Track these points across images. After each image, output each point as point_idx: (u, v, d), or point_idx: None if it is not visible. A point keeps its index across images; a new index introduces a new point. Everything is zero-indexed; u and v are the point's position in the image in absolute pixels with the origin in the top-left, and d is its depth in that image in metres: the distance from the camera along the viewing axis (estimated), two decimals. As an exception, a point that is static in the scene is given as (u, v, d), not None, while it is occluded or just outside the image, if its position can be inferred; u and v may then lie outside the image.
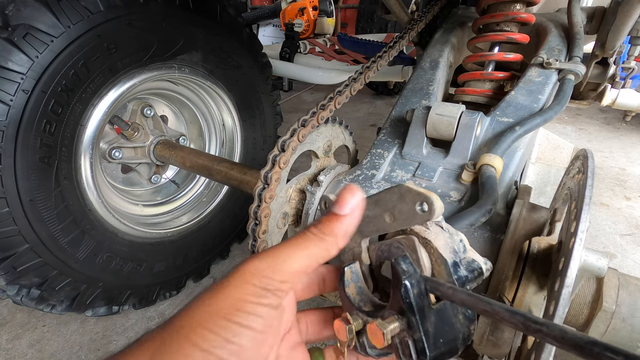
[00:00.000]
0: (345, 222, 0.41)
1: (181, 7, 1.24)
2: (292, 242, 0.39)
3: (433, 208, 0.41)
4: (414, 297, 0.38)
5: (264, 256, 0.37)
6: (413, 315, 0.38)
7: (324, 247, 0.40)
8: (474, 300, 0.35)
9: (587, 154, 0.59)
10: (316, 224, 0.41)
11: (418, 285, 0.39)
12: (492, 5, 1.10)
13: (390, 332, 0.38)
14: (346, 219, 0.41)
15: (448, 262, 0.43)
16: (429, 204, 0.41)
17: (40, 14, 0.93)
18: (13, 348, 1.31)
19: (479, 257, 0.45)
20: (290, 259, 0.38)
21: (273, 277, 0.36)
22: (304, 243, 0.39)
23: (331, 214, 0.41)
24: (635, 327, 0.61)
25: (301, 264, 0.38)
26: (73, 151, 1.08)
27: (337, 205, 0.41)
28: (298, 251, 0.39)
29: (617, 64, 1.44)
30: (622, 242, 1.86)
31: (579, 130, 3.35)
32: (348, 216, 0.41)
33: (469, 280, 0.43)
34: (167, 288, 1.48)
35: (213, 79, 1.43)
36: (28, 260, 1.04)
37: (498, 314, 0.33)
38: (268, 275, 0.36)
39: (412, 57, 2.47)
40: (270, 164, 0.80)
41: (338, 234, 0.40)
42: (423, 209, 0.41)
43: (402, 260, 0.40)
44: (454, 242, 0.45)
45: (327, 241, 0.40)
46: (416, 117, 0.92)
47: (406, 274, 0.39)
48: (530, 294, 0.65)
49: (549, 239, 0.66)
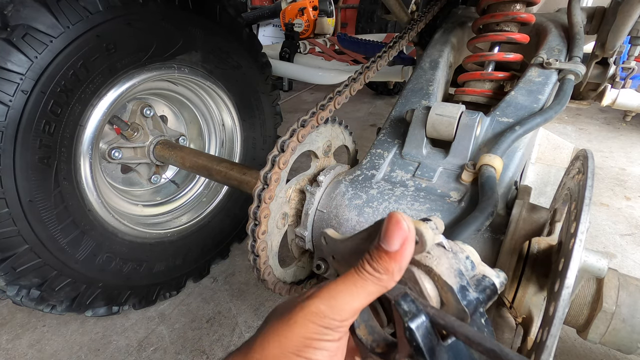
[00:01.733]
0: (399, 259, 0.40)
1: (180, 7, 1.24)
2: (349, 281, 0.40)
3: (424, 239, 0.39)
4: (421, 339, 0.36)
5: (325, 297, 0.39)
6: (423, 357, 0.36)
7: (381, 284, 0.40)
8: (479, 339, 0.33)
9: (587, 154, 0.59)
10: (369, 261, 0.41)
11: (423, 324, 0.37)
12: (492, 5, 1.10)
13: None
14: (398, 254, 0.40)
15: (454, 288, 0.40)
16: (419, 235, 0.40)
17: (39, 14, 0.93)
18: (13, 348, 1.31)
19: (490, 270, 0.43)
20: (349, 299, 0.39)
21: (334, 317, 0.38)
22: (361, 282, 0.40)
23: (382, 251, 0.40)
24: (635, 328, 0.61)
25: (360, 302, 0.40)
26: (72, 151, 1.08)
27: (386, 241, 0.40)
28: (355, 290, 0.40)
29: (617, 64, 1.44)
30: (622, 242, 1.86)
31: (579, 130, 3.35)
32: (400, 252, 0.40)
33: (480, 302, 0.41)
34: (167, 288, 1.48)
35: (213, 79, 1.43)
36: (28, 260, 1.04)
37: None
38: (329, 316, 0.38)
39: (412, 57, 2.47)
40: (270, 164, 0.80)
41: (394, 271, 0.40)
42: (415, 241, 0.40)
43: (402, 300, 0.38)
44: (460, 262, 0.42)
45: (383, 280, 0.40)
46: (416, 117, 0.92)
47: (408, 315, 0.37)
48: (530, 295, 0.65)
49: (549, 240, 0.66)
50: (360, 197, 0.86)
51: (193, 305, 1.49)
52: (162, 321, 1.42)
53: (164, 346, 1.32)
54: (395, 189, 0.86)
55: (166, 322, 1.41)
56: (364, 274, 0.40)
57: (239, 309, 1.47)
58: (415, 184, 0.86)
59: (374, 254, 0.40)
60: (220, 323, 1.41)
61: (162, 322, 1.41)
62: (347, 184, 0.89)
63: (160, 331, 1.38)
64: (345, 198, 0.87)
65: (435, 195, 0.82)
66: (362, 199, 0.85)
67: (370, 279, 0.40)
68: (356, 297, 0.39)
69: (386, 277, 0.40)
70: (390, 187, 0.86)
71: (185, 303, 1.50)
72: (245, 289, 1.57)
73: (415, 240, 0.39)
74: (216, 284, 1.60)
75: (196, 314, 1.45)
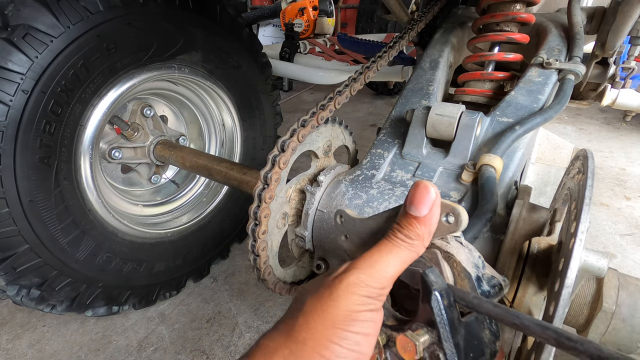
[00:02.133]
0: (428, 223, 0.42)
1: (181, 7, 1.24)
2: (384, 250, 0.41)
3: (460, 219, 0.41)
4: (445, 309, 0.37)
5: (363, 266, 0.40)
6: (444, 328, 0.37)
7: (414, 250, 0.42)
8: (502, 312, 0.34)
9: (587, 154, 0.59)
10: (400, 229, 0.42)
11: (448, 296, 0.38)
12: (492, 5, 1.10)
13: (422, 344, 0.38)
14: (427, 219, 0.41)
15: (472, 275, 0.42)
16: (456, 215, 0.41)
17: (39, 14, 0.93)
18: (13, 348, 1.31)
19: (496, 273, 0.45)
20: (387, 266, 0.40)
21: (374, 285, 0.39)
22: (395, 250, 0.41)
23: (410, 216, 0.41)
24: (635, 328, 0.61)
25: (396, 269, 0.41)
26: (73, 151, 1.08)
27: (414, 206, 0.41)
28: (391, 257, 0.41)
29: (617, 64, 1.44)
30: (622, 242, 1.86)
31: (579, 130, 3.35)
32: (428, 216, 0.41)
33: (491, 295, 0.43)
34: (167, 288, 1.48)
35: (213, 79, 1.43)
36: (28, 260, 1.04)
37: (528, 328, 0.32)
38: (370, 285, 0.39)
39: (412, 57, 2.47)
40: (270, 164, 0.80)
41: (424, 235, 0.42)
42: (449, 220, 0.41)
43: (430, 271, 0.39)
44: (474, 258, 0.44)
45: (415, 245, 0.41)
46: (416, 117, 0.92)
47: (435, 285, 0.38)
48: (530, 295, 0.65)
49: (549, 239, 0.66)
50: (360, 197, 0.86)
51: (193, 305, 1.49)
52: (162, 321, 1.42)
53: (164, 346, 1.32)
54: (395, 188, 0.86)
55: (166, 322, 1.41)
56: (397, 241, 0.41)
57: (239, 309, 1.47)
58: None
59: (403, 221, 0.42)
60: (220, 323, 1.41)
61: (162, 322, 1.41)
62: (347, 184, 0.89)
63: (160, 331, 1.38)
64: (346, 198, 0.87)
65: (436, 195, 0.82)
66: (363, 198, 0.85)
67: (403, 246, 0.41)
68: (392, 264, 0.40)
69: (418, 242, 0.41)
70: (391, 187, 0.86)
71: (185, 303, 1.50)
72: (245, 289, 1.57)
73: (449, 219, 0.41)
74: (216, 284, 1.60)
75: (196, 314, 1.45)
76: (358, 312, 0.37)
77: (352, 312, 0.37)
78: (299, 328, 0.37)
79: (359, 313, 0.37)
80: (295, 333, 0.37)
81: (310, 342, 0.36)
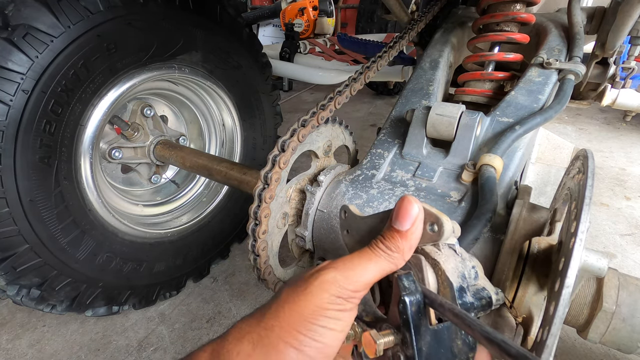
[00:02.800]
0: (409, 237, 0.43)
1: (181, 7, 1.24)
2: (364, 256, 0.43)
3: (442, 230, 0.41)
4: (411, 314, 0.39)
5: (340, 267, 0.42)
6: (408, 332, 0.39)
7: (392, 262, 0.43)
8: (466, 321, 0.35)
9: (587, 154, 0.59)
10: (382, 240, 0.44)
11: (417, 303, 0.39)
12: (492, 5, 1.10)
13: (383, 345, 0.39)
14: (409, 234, 0.43)
15: (454, 285, 0.43)
16: (439, 225, 0.42)
17: (40, 14, 0.93)
18: (13, 348, 1.31)
19: (490, 286, 0.45)
20: (363, 272, 0.42)
21: (347, 287, 0.40)
22: (375, 259, 0.43)
23: (394, 230, 0.43)
24: (635, 327, 0.61)
25: (373, 276, 0.42)
26: (73, 151, 1.08)
27: (398, 221, 0.43)
28: (370, 265, 0.42)
29: (617, 64, 1.44)
30: (622, 242, 1.86)
31: (579, 130, 3.35)
32: (410, 231, 0.43)
33: (474, 308, 0.43)
34: (167, 288, 1.48)
35: (213, 79, 1.43)
36: (28, 260, 1.04)
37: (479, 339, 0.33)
38: (343, 286, 0.40)
39: (412, 57, 2.47)
40: (270, 164, 0.80)
41: (404, 249, 0.43)
42: (433, 229, 0.42)
43: (405, 277, 0.41)
44: (465, 268, 0.45)
45: (394, 257, 0.43)
46: (416, 117, 0.92)
47: (407, 291, 0.40)
48: (530, 294, 0.65)
49: (549, 239, 0.66)
50: (360, 197, 0.86)
51: (193, 305, 1.49)
52: (162, 321, 1.42)
53: (164, 346, 1.32)
54: (395, 188, 0.86)
55: (166, 322, 1.41)
56: (378, 251, 0.43)
57: (239, 309, 1.47)
58: (415, 183, 0.86)
59: (387, 233, 0.44)
60: (220, 323, 1.41)
61: (162, 322, 1.41)
62: (347, 184, 0.89)
63: (160, 331, 1.38)
64: (346, 198, 0.87)
65: (436, 195, 0.82)
66: (363, 198, 0.85)
67: (383, 256, 0.43)
68: (369, 271, 0.42)
69: (397, 255, 0.43)
70: (391, 187, 0.86)
71: (185, 303, 1.50)
72: (245, 289, 1.57)
73: (434, 228, 0.41)
74: (216, 284, 1.60)
75: (196, 314, 1.45)
76: (326, 309, 0.39)
77: (320, 308, 0.39)
78: (270, 315, 0.40)
79: (327, 310, 0.39)
80: (265, 319, 0.40)
81: (277, 329, 0.39)
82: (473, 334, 0.34)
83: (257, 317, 0.41)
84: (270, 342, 0.38)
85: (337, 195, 0.88)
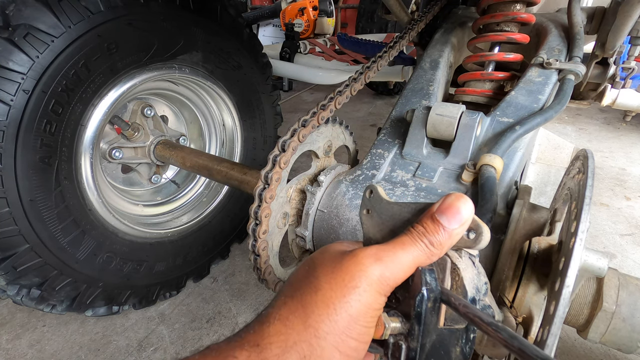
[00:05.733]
0: (453, 237, 0.40)
1: (181, 8, 1.24)
2: (406, 248, 0.40)
3: (481, 240, 0.40)
4: (425, 309, 0.38)
5: (386, 261, 0.39)
6: (418, 325, 0.38)
7: (429, 257, 0.40)
8: (487, 319, 0.35)
9: (587, 154, 0.59)
10: (425, 232, 0.40)
11: (434, 300, 0.39)
12: (492, 6, 1.10)
13: (391, 329, 0.39)
14: (454, 233, 0.40)
15: (468, 295, 0.42)
16: (478, 233, 0.40)
17: (41, 14, 0.93)
18: (13, 348, 1.31)
19: (495, 306, 0.45)
20: (404, 266, 0.39)
21: (391, 284, 0.39)
22: (416, 251, 0.40)
23: (439, 224, 0.40)
24: (636, 327, 0.61)
25: (410, 269, 0.40)
26: (73, 151, 1.08)
27: (446, 217, 0.40)
28: (410, 258, 0.40)
29: (617, 64, 1.44)
30: (622, 242, 1.86)
31: (579, 130, 3.35)
32: (456, 231, 0.40)
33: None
34: (167, 288, 1.48)
35: (213, 79, 1.43)
36: (28, 260, 1.04)
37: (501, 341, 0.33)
38: (388, 284, 0.38)
39: (412, 57, 2.47)
40: (271, 164, 0.80)
41: (444, 247, 0.40)
42: (469, 236, 0.41)
43: (428, 272, 0.40)
44: (479, 282, 0.44)
45: (433, 253, 0.40)
46: (416, 117, 0.92)
47: (428, 286, 0.39)
48: (530, 294, 0.65)
49: (549, 239, 0.66)
50: (360, 197, 0.86)
51: (193, 305, 1.49)
52: (162, 321, 1.42)
53: (164, 346, 1.32)
54: (395, 188, 0.86)
55: (166, 322, 1.41)
56: (419, 244, 0.40)
57: (239, 309, 1.47)
58: (415, 183, 0.86)
59: (430, 226, 0.40)
60: (220, 323, 1.41)
61: (162, 322, 1.41)
62: (347, 184, 0.89)
63: (160, 331, 1.38)
64: (346, 198, 0.87)
65: (436, 195, 0.82)
66: (363, 198, 0.85)
67: (423, 250, 0.40)
68: (408, 265, 0.39)
69: (436, 251, 0.40)
70: (391, 187, 0.86)
71: (185, 303, 1.50)
72: (245, 289, 1.57)
73: (471, 235, 0.40)
74: (216, 284, 1.60)
75: (196, 314, 1.45)
76: (374, 309, 0.37)
77: (369, 308, 0.37)
78: (319, 318, 0.36)
79: (374, 310, 0.38)
80: (314, 324, 0.36)
81: (330, 337, 0.35)
82: (498, 338, 0.34)
83: (300, 315, 0.36)
84: (324, 355, 0.35)
85: (337, 195, 0.88)
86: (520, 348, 0.32)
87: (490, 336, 0.35)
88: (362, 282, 0.37)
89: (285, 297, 0.39)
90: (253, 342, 0.35)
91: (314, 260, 0.42)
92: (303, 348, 0.35)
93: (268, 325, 0.37)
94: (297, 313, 0.37)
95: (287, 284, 0.43)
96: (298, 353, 0.35)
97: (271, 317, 0.37)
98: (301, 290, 0.39)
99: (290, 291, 0.40)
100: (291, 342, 0.35)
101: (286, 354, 0.34)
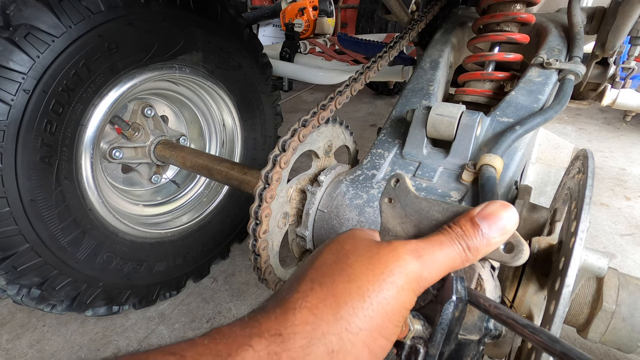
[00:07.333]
0: (490, 245, 0.38)
1: (182, 8, 1.24)
2: (444, 247, 0.38)
3: (520, 256, 0.38)
4: (452, 318, 0.37)
5: (425, 258, 0.37)
6: (442, 332, 0.37)
7: (464, 260, 0.38)
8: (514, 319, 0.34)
9: (587, 154, 0.59)
10: (464, 236, 0.38)
11: (461, 310, 0.38)
12: (492, 6, 1.10)
13: (414, 332, 0.38)
14: (493, 242, 0.38)
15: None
16: (518, 250, 0.38)
17: (41, 14, 0.94)
18: (13, 348, 1.31)
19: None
20: (441, 266, 0.37)
21: (426, 286, 0.37)
22: (452, 253, 0.38)
23: (478, 229, 0.38)
24: (635, 327, 0.61)
25: (444, 271, 0.38)
26: (74, 151, 1.08)
27: (487, 224, 0.38)
28: (447, 260, 0.38)
29: (617, 64, 1.44)
30: (622, 242, 1.86)
31: (579, 130, 3.35)
32: (495, 241, 0.38)
33: (490, 335, 0.43)
34: (167, 288, 1.48)
35: (213, 79, 1.43)
36: (28, 259, 1.04)
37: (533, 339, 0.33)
38: (424, 285, 0.37)
39: (412, 57, 2.47)
40: (271, 163, 0.81)
41: (479, 254, 0.38)
42: (506, 250, 0.38)
43: (460, 280, 0.39)
44: (496, 295, 0.44)
45: (469, 258, 0.38)
46: (416, 117, 0.92)
47: (458, 294, 0.38)
48: (530, 294, 0.65)
49: (549, 239, 0.66)
50: (361, 197, 0.86)
51: (193, 305, 1.49)
52: (162, 321, 1.42)
53: (164, 346, 1.32)
54: (395, 188, 0.86)
55: (166, 322, 1.41)
56: (456, 245, 0.38)
57: (239, 309, 1.47)
58: (415, 183, 0.86)
59: (469, 230, 0.38)
60: (220, 323, 1.41)
61: (162, 322, 1.41)
62: (347, 184, 0.89)
63: (160, 331, 1.38)
64: (346, 198, 0.87)
65: (436, 195, 0.82)
66: (363, 198, 0.86)
67: (459, 253, 0.38)
68: (444, 267, 0.38)
69: (472, 256, 0.38)
70: (391, 187, 0.86)
71: (185, 303, 1.50)
72: (245, 289, 1.57)
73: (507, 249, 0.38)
74: (216, 284, 1.60)
75: (196, 314, 1.45)
76: (408, 309, 0.36)
77: (404, 308, 0.35)
78: (352, 311, 0.33)
79: (407, 310, 0.36)
80: (347, 316, 0.33)
81: (363, 334, 0.33)
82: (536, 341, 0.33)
83: (330, 305, 0.33)
84: (354, 351, 0.32)
85: (337, 195, 0.88)
86: (563, 352, 0.30)
87: (526, 339, 0.34)
88: (402, 279, 0.35)
89: (312, 283, 0.36)
90: (274, 331, 0.31)
91: (344, 245, 0.39)
92: (332, 341, 0.32)
93: (293, 312, 0.33)
94: (328, 302, 0.33)
95: (311, 267, 0.39)
96: (326, 346, 0.32)
97: (297, 303, 0.34)
98: (332, 277, 0.36)
99: (318, 276, 0.36)
100: (319, 333, 0.32)
101: (312, 347, 0.31)
